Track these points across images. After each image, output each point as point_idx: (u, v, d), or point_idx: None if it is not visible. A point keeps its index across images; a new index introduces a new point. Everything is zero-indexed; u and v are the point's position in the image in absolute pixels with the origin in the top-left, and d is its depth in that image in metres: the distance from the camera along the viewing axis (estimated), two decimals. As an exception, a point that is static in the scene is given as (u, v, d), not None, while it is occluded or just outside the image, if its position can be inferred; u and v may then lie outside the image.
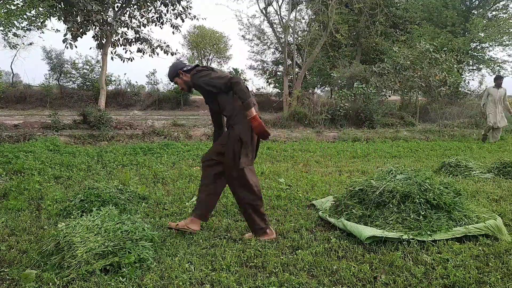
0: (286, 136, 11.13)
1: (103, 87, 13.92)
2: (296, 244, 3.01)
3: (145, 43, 14.07)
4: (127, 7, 13.36)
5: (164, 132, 10.13)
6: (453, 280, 2.40)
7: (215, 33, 41.35)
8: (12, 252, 2.82)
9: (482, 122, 14.02)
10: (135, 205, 4.01)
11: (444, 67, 12.94)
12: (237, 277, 2.45)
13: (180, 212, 3.82)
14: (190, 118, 15.05)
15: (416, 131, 12.49)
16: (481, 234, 3.08)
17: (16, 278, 2.42)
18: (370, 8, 19.96)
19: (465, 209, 3.37)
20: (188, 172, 5.76)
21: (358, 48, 23.57)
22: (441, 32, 17.93)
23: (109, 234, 2.69)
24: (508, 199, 4.35)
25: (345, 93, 13.60)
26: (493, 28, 18.18)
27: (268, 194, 4.50)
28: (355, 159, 7.79)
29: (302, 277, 2.46)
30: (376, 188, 3.45)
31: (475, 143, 10.41)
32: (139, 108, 22.84)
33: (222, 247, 2.95)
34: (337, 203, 3.70)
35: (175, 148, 8.32)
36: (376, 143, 10.44)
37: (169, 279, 2.42)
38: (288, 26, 18.04)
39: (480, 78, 24.18)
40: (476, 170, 5.87)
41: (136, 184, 4.86)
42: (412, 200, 3.23)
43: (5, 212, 3.75)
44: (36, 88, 24.08)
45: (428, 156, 8.26)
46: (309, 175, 5.73)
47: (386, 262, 2.66)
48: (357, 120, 13.73)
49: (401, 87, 14.61)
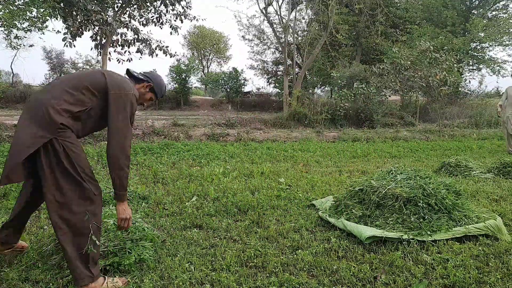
0: (286, 136, 11.13)
1: (103, 87, 13.92)
2: (296, 244, 3.00)
3: (144, 44, 14.09)
4: (127, 7, 13.36)
5: (164, 132, 10.13)
6: (453, 280, 2.40)
7: (215, 33, 41.40)
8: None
9: (482, 122, 14.02)
10: (135, 205, 4.01)
11: (444, 66, 12.95)
12: (237, 277, 2.45)
13: (180, 212, 3.82)
14: (190, 118, 15.05)
15: (416, 131, 12.49)
16: (481, 234, 3.08)
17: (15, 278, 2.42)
18: (370, 8, 19.96)
19: (465, 209, 3.37)
20: (188, 172, 5.76)
21: (358, 48, 23.58)
22: (441, 32, 17.93)
23: (109, 234, 2.69)
24: (508, 199, 4.35)
25: (345, 93, 13.61)
26: (493, 28, 18.19)
27: (268, 194, 4.50)
28: (355, 159, 7.79)
29: (302, 277, 2.46)
30: (377, 189, 3.45)
31: (475, 143, 10.41)
32: (139, 108, 22.85)
33: (222, 247, 2.94)
34: (337, 203, 3.70)
35: (175, 148, 8.32)
36: (376, 143, 10.44)
37: (169, 279, 2.42)
38: (288, 26, 18.04)
39: (480, 78, 24.19)
40: (476, 170, 5.87)
41: (136, 184, 4.87)
42: (414, 204, 3.24)
43: (5, 212, 3.75)
44: (36, 88, 24.10)
45: (428, 156, 8.26)
46: (309, 175, 5.73)
47: (386, 262, 2.66)
48: (357, 120, 13.74)
49: (401, 87, 14.62)
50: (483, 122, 14.25)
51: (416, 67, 13.27)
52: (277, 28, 21.24)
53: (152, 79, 2.62)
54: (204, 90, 40.45)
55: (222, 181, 5.21)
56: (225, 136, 10.48)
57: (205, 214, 3.74)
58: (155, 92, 2.66)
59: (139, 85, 2.56)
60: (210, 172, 5.71)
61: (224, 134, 10.55)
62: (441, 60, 12.93)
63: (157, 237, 3.00)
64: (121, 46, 13.84)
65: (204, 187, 4.82)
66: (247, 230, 3.33)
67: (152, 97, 2.68)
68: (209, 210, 3.86)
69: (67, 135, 2.16)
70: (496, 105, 10.12)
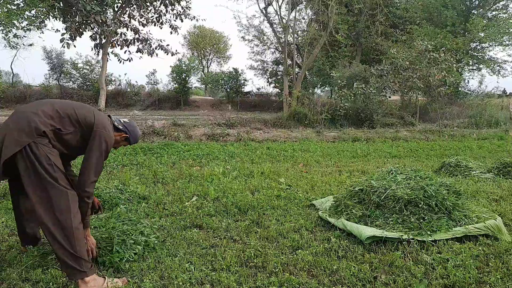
0: (286, 136, 11.13)
1: (103, 87, 13.92)
2: (296, 244, 3.00)
3: (144, 44, 14.09)
4: (127, 7, 13.36)
5: (164, 132, 10.13)
6: (453, 280, 2.40)
7: (215, 33, 41.39)
8: (12, 252, 2.82)
9: (482, 122, 14.02)
10: (135, 205, 4.01)
11: (443, 66, 12.95)
12: (237, 277, 2.45)
13: (180, 212, 3.82)
14: (190, 118, 15.04)
15: (416, 131, 12.49)
16: (481, 234, 3.08)
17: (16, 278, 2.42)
18: (370, 8, 19.96)
19: (465, 209, 3.37)
20: (188, 172, 5.76)
21: (358, 48, 23.57)
22: (441, 32, 17.93)
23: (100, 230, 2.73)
24: (508, 199, 4.35)
25: (345, 93, 13.60)
26: (493, 28, 18.18)
27: (268, 194, 4.50)
28: (355, 159, 7.79)
29: (302, 277, 2.46)
30: (377, 189, 3.45)
31: (475, 143, 10.41)
32: (139, 108, 22.85)
33: (222, 247, 2.94)
34: (337, 203, 3.70)
35: (175, 148, 8.32)
36: (376, 143, 10.44)
37: (169, 279, 2.42)
38: (288, 26, 18.04)
39: (480, 78, 24.21)
40: (476, 170, 5.87)
41: (136, 184, 4.86)
42: (415, 205, 3.23)
43: (5, 212, 3.75)
44: (36, 88, 24.09)
45: (428, 156, 8.26)
46: (309, 175, 5.73)
47: (386, 262, 2.66)
48: (357, 120, 13.74)
49: (400, 88, 14.63)
50: (483, 122, 14.25)
51: (415, 67, 13.28)
52: (277, 28, 21.24)
53: (129, 131, 2.80)
54: (204, 90, 40.44)
55: (222, 181, 5.21)
56: (225, 136, 10.48)
57: (205, 214, 3.74)
58: (129, 142, 2.85)
59: (117, 133, 2.72)
60: (210, 172, 5.71)
61: (224, 134, 10.55)
62: (440, 60, 12.93)
63: (155, 237, 3.00)
64: (120, 46, 13.83)
65: (204, 187, 4.82)
66: (247, 230, 3.33)
67: (125, 144, 2.87)
68: (209, 210, 3.86)
69: (45, 142, 2.29)
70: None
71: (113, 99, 23.19)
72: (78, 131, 2.43)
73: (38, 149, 2.24)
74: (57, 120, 2.36)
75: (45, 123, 2.30)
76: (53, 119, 2.35)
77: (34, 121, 2.27)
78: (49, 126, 2.32)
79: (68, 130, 2.40)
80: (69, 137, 2.41)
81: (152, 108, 23.87)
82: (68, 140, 2.40)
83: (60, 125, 2.36)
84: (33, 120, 2.27)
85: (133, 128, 2.83)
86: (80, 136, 2.45)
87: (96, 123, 2.46)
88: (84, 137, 2.46)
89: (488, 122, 14.32)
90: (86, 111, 2.50)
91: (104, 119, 2.56)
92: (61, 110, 2.40)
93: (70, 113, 2.42)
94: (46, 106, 2.40)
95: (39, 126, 2.27)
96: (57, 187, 2.25)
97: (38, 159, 2.23)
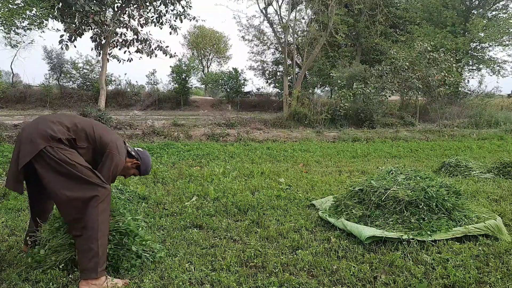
0: (286, 136, 11.13)
1: (103, 87, 13.92)
2: (296, 244, 3.00)
3: (143, 44, 14.09)
4: (127, 7, 13.36)
5: (164, 132, 10.13)
6: (453, 280, 2.40)
7: (215, 33, 41.39)
8: (12, 252, 2.82)
9: (482, 122, 14.03)
10: (135, 205, 4.01)
11: (443, 66, 12.95)
12: (237, 277, 2.45)
13: (180, 212, 3.82)
14: (190, 118, 15.05)
15: (416, 131, 12.50)
16: (481, 234, 3.08)
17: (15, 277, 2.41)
18: (370, 8, 19.96)
19: (465, 209, 3.37)
20: (188, 172, 5.76)
21: (358, 48, 23.58)
22: (440, 32, 17.93)
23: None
24: (508, 199, 4.35)
25: (345, 93, 13.61)
26: (493, 28, 18.18)
27: (268, 194, 4.50)
28: (355, 159, 7.79)
29: (302, 277, 2.46)
30: (377, 189, 3.45)
31: (475, 143, 10.41)
32: (139, 108, 22.85)
33: (222, 247, 2.94)
34: (337, 203, 3.70)
35: (175, 148, 8.32)
36: (376, 143, 10.44)
37: (169, 279, 2.42)
38: (288, 26, 18.04)
39: (480, 78, 24.20)
40: (476, 170, 5.86)
41: (136, 184, 4.86)
42: (415, 205, 3.23)
43: (5, 212, 3.75)
44: (36, 88, 24.08)
45: (428, 156, 8.26)
46: (309, 175, 5.73)
47: (386, 262, 2.66)
48: (357, 120, 13.74)
49: (400, 88, 14.64)
50: (483, 122, 14.25)
51: (415, 68, 13.28)
52: (277, 28, 21.23)
53: (141, 158, 2.78)
54: (204, 90, 40.44)
55: (222, 181, 5.21)
56: (225, 136, 10.48)
57: (205, 214, 3.74)
58: (140, 171, 2.82)
59: (129, 159, 2.71)
60: (210, 172, 5.71)
61: (224, 134, 10.55)
62: (440, 60, 12.93)
63: (154, 237, 2.99)
64: (118, 47, 13.83)
65: (204, 187, 4.82)
66: (247, 230, 3.33)
67: (135, 173, 2.85)
68: (209, 210, 3.86)
69: (61, 146, 2.30)
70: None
71: (113, 99, 23.19)
72: (90, 148, 2.44)
73: (55, 152, 2.24)
74: (73, 133, 2.38)
75: (62, 131, 2.33)
76: (69, 130, 2.37)
77: (52, 129, 2.29)
78: (66, 134, 2.34)
79: (82, 145, 2.41)
80: (82, 152, 2.41)
81: (152, 108, 23.87)
82: (81, 155, 2.40)
83: (75, 136, 2.39)
84: (51, 128, 2.30)
85: (145, 157, 2.82)
86: (92, 154, 2.46)
87: (111, 144, 2.47)
88: (95, 156, 2.47)
89: (488, 122, 14.32)
90: (104, 131, 2.52)
91: (119, 142, 2.57)
92: (79, 124, 2.43)
93: (87, 129, 2.43)
94: (66, 118, 2.44)
95: (56, 133, 2.29)
96: (83, 184, 2.26)
97: (58, 159, 2.24)
